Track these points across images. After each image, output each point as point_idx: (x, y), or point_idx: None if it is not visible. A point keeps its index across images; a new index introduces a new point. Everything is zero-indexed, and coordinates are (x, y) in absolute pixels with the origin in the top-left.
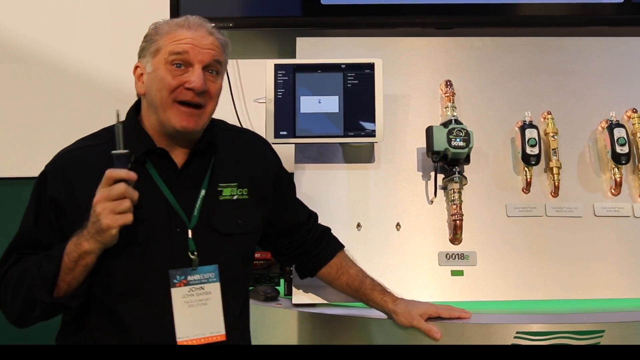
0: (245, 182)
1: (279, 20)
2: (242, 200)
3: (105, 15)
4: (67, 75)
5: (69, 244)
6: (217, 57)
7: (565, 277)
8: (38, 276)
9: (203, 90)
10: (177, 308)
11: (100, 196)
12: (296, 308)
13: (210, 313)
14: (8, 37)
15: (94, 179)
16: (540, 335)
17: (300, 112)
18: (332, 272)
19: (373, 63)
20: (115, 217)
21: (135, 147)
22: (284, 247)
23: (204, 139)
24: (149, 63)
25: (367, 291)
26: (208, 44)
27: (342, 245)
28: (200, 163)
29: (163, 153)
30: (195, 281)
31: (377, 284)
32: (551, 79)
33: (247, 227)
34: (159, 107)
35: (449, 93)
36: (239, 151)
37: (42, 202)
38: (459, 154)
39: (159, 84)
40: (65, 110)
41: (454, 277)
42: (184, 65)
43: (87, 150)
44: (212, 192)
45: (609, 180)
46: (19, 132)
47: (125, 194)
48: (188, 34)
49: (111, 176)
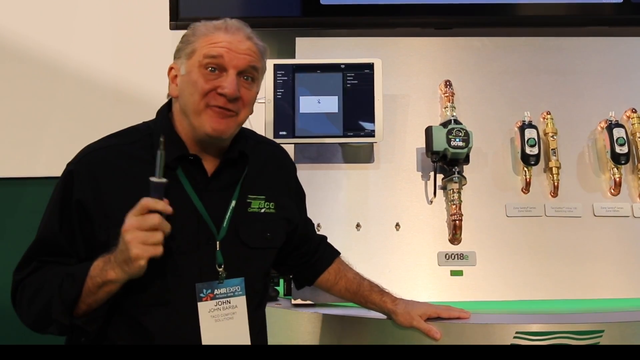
0: (272, 196)
1: (279, 21)
2: (269, 214)
3: (105, 15)
4: (67, 75)
5: (94, 267)
6: (253, 64)
7: (565, 277)
8: (58, 296)
9: (236, 97)
10: (203, 322)
11: (131, 224)
12: (295, 308)
13: (237, 327)
14: (7, 37)
15: (120, 181)
16: (539, 335)
17: (299, 112)
18: (330, 278)
19: (372, 63)
20: (145, 247)
21: (168, 151)
22: (290, 258)
23: (235, 148)
24: (183, 65)
25: (365, 293)
26: (244, 49)
27: (338, 252)
28: (231, 173)
29: (196, 160)
30: (222, 295)
31: (375, 285)
32: (550, 79)
33: (274, 241)
34: (191, 112)
35: (449, 93)
36: (268, 165)
37: (68, 205)
38: (458, 154)
39: (191, 88)
40: (65, 110)
41: (454, 277)
42: (218, 69)
43: (114, 150)
44: (242, 203)
45: (609, 180)
46: (19, 132)
47: (158, 226)
48: (225, 37)
49: (146, 206)
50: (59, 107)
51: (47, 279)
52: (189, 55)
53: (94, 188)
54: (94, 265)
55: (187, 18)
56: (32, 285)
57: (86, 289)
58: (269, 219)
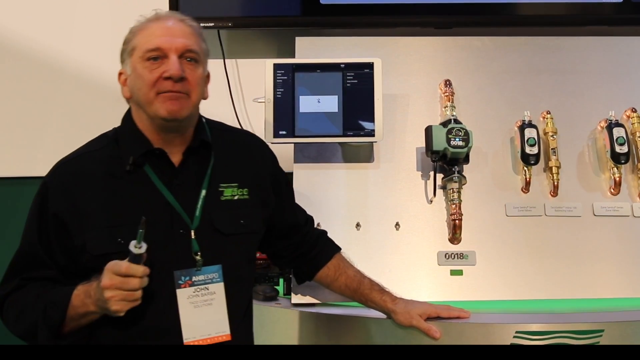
0: (246, 182)
1: (278, 20)
2: (243, 201)
3: (105, 15)
4: (66, 75)
5: (75, 296)
6: (190, 44)
7: (565, 277)
8: (42, 322)
9: (180, 76)
10: (182, 309)
11: (112, 283)
12: (295, 308)
13: (215, 313)
14: (7, 36)
15: (91, 185)
16: (539, 335)
17: (299, 111)
18: (330, 274)
19: (372, 63)
20: (125, 303)
21: (133, 149)
22: (283, 249)
23: (196, 137)
24: (128, 65)
25: (365, 291)
26: (179, 32)
27: (339, 248)
28: (199, 163)
29: (161, 154)
30: (200, 282)
31: (375, 283)
32: (550, 79)
33: (249, 226)
34: (145, 104)
35: (448, 92)
36: (239, 152)
37: (45, 218)
38: (458, 154)
39: (139, 82)
40: (64, 110)
41: (453, 277)
42: (159, 57)
43: (83, 158)
44: (213, 192)
45: (608, 180)
46: (19, 131)
47: (137, 287)
48: (158, 25)
49: (125, 272)
50: (58, 107)
51: (29, 302)
52: (131, 53)
53: (67, 198)
54: (75, 294)
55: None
56: (15, 306)
57: (69, 317)
58: (243, 206)
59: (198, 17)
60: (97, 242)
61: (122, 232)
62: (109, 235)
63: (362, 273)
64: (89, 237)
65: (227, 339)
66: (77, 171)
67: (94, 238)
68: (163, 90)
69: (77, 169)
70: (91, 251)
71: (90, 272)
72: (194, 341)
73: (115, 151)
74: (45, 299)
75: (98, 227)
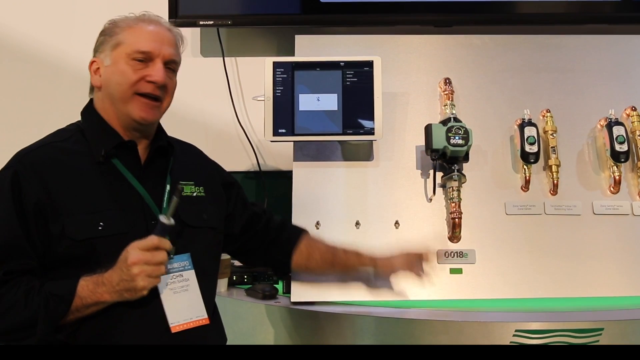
0: (200, 181)
1: (278, 18)
2: (201, 197)
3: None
4: (65, 73)
5: (82, 287)
6: (174, 55)
7: (564, 275)
8: (45, 316)
9: (164, 83)
10: (164, 295)
11: (140, 259)
12: (294, 306)
13: (192, 298)
14: (6, 34)
15: (64, 174)
16: (539, 334)
17: (299, 109)
18: (303, 253)
19: (372, 61)
20: (151, 280)
21: (104, 142)
22: (251, 241)
23: (162, 137)
24: (107, 57)
25: (342, 258)
26: (167, 41)
27: (305, 229)
28: (161, 161)
29: (131, 147)
30: (175, 269)
31: (349, 249)
32: (550, 77)
33: (211, 221)
34: (118, 100)
35: (448, 91)
36: (191, 156)
37: (21, 206)
38: (458, 152)
39: (119, 78)
40: (64, 108)
41: (453, 275)
42: (145, 60)
43: (51, 147)
44: (175, 188)
45: (608, 178)
46: (18, 130)
47: (164, 261)
48: (149, 28)
49: (156, 245)
50: (58, 105)
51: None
52: (114, 47)
53: (42, 185)
54: (81, 285)
55: (186, 16)
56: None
57: (73, 308)
58: (201, 201)
59: (198, 15)
60: (78, 227)
61: (101, 217)
62: (89, 221)
63: (335, 244)
64: (68, 223)
65: (206, 322)
66: (46, 159)
67: (73, 223)
68: (142, 92)
69: (45, 157)
70: (73, 236)
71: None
72: (178, 325)
73: (81, 142)
74: (44, 293)
75: (75, 213)
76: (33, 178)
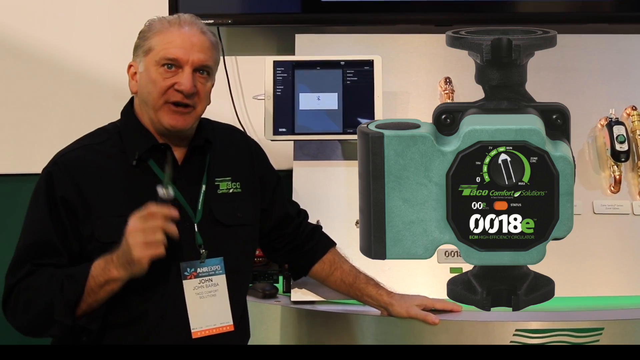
0: (237, 176)
1: (278, 17)
2: (237, 194)
3: (104, 12)
4: (65, 72)
5: (95, 266)
6: (206, 60)
7: (564, 275)
8: (60, 297)
9: (192, 92)
10: (189, 299)
11: (134, 227)
12: (295, 305)
13: (219, 304)
14: (5, 33)
15: (97, 176)
16: (539, 333)
17: (299, 109)
18: (325, 268)
19: (372, 60)
20: (147, 249)
21: (139, 144)
22: (276, 241)
23: (201, 136)
24: (141, 62)
25: (361, 285)
26: (199, 45)
27: (334, 242)
28: (198, 159)
29: (166, 148)
30: (204, 273)
31: (371, 278)
32: (550, 76)
33: (245, 218)
34: (150, 108)
35: (449, 90)
36: (228, 147)
37: (54, 204)
38: None
39: (150, 86)
40: (63, 107)
41: (453, 275)
42: (174, 66)
43: (87, 149)
44: (211, 186)
45: (608, 178)
46: (18, 128)
47: (159, 227)
48: (179, 33)
49: (152, 212)
50: (58, 104)
51: (44, 282)
52: (146, 53)
53: (74, 185)
54: (95, 265)
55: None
56: (28, 289)
57: (88, 289)
58: (237, 198)
59: (198, 14)
60: (106, 230)
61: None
62: (117, 225)
63: (358, 268)
64: (97, 225)
65: (230, 329)
66: (81, 161)
67: (102, 226)
68: (172, 101)
69: (80, 159)
70: (100, 238)
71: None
72: (200, 331)
73: (118, 145)
74: (62, 275)
75: (105, 215)
76: (66, 179)
